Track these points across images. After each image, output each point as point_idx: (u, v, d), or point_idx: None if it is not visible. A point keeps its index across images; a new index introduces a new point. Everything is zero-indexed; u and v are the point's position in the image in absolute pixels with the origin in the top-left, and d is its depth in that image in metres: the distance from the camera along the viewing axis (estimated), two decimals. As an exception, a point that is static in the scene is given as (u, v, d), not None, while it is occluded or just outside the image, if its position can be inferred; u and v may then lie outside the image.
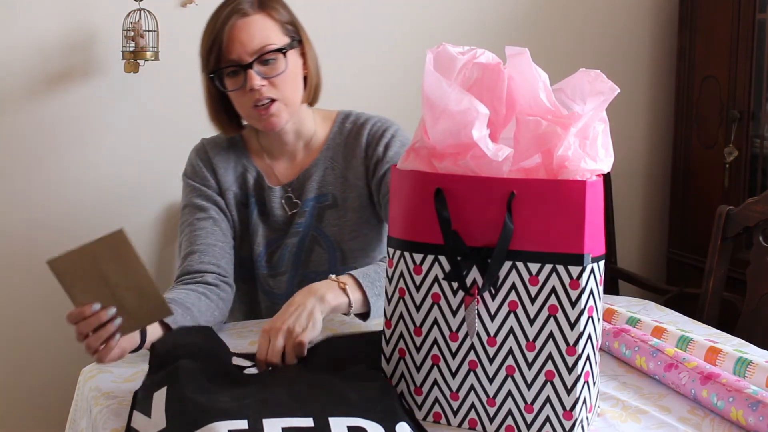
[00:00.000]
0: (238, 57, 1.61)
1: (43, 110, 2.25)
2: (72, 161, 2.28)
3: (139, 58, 2.19)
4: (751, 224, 1.87)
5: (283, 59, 1.62)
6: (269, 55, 1.61)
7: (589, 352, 1.13)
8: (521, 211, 1.12)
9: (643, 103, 2.91)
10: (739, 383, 1.23)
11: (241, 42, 1.61)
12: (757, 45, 2.50)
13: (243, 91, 1.61)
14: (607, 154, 1.17)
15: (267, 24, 1.64)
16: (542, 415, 1.14)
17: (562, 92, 1.18)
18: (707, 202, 2.67)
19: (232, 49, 1.61)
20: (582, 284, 1.11)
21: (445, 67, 1.18)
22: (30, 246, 2.28)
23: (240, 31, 1.61)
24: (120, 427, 1.19)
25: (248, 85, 1.60)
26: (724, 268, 1.94)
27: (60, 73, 2.25)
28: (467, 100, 1.13)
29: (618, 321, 1.53)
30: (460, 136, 1.14)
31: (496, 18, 2.67)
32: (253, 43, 1.61)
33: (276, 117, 1.63)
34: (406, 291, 1.20)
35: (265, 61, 1.61)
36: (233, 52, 1.61)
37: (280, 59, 1.62)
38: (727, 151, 2.58)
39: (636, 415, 1.24)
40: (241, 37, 1.61)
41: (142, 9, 2.20)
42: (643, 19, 2.87)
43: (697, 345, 1.39)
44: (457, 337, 1.17)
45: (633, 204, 2.94)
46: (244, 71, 1.60)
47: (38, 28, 2.22)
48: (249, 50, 1.61)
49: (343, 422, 1.07)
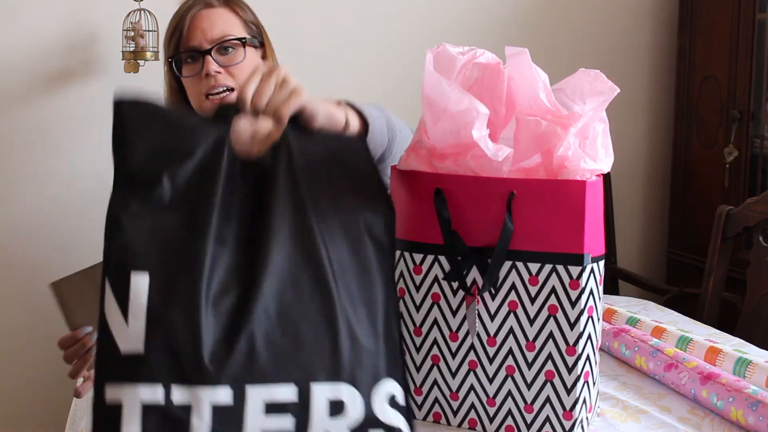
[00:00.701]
0: (198, 43, 1.63)
1: (43, 110, 2.25)
2: (72, 161, 2.28)
3: (139, 58, 2.19)
4: (751, 224, 1.87)
5: (242, 50, 1.63)
6: (228, 43, 1.63)
7: (589, 352, 1.13)
8: (521, 211, 1.12)
9: (643, 103, 2.91)
10: (739, 383, 1.23)
11: (202, 29, 1.63)
12: (757, 45, 2.50)
13: (199, 77, 1.62)
14: (607, 154, 1.17)
15: (230, 17, 1.67)
16: (542, 415, 1.14)
17: (562, 92, 1.19)
18: (707, 202, 2.67)
19: (192, 36, 1.63)
20: (582, 284, 1.11)
21: (445, 67, 1.18)
22: (30, 245, 2.28)
23: (202, 19, 1.64)
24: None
25: (204, 70, 1.61)
26: (724, 268, 1.94)
27: (60, 73, 2.25)
28: (467, 100, 1.13)
29: (618, 321, 1.53)
30: (460, 136, 1.14)
31: (496, 18, 2.67)
32: (214, 32, 1.63)
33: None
34: (406, 291, 1.20)
35: (224, 50, 1.63)
36: (194, 38, 1.63)
37: (239, 50, 1.64)
38: (727, 151, 2.58)
39: (636, 415, 1.24)
40: (203, 24, 1.63)
41: (142, 9, 2.20)
42: (643, 19, 2.87)
43: (697, 345, 1.39)
44: (457, 337, 1.17)
45: (633, 204, 2.94)
46: (203, 57, 1.62)
47: (38, 28, 2.22)
48: (209, 38, 1.63)
49: (324, 392, 1.00)
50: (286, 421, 1.00)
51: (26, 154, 2.26)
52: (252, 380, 0.99)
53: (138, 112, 1.06)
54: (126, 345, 0.97)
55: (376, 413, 1.03)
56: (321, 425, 1.01)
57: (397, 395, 1.05)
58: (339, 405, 1.02)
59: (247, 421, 0.99)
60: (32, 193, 2.28)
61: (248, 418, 0.99)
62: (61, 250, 2.31)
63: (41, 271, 2.30)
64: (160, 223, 1.03)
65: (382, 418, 1.03)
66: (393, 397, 1.05)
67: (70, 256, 2.31)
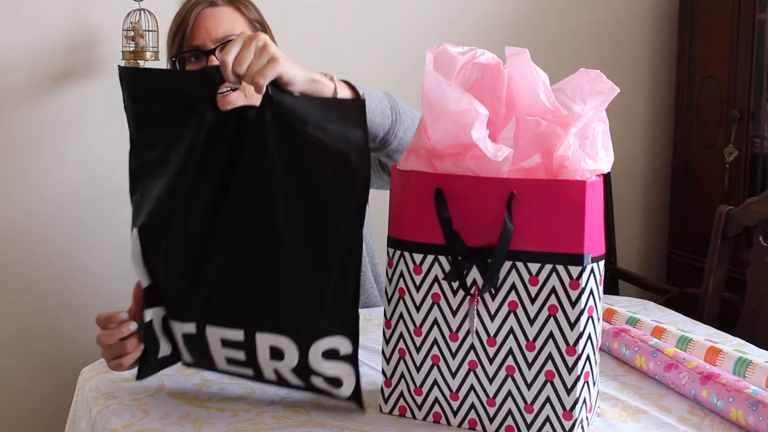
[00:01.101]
0: (201, 43, 1.62)
1: (43, 110, 2.25)
2: (72, 161, 2.28)
3: (139, 58, 2.19)
4: (751, 224, 1.87)
5: None
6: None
7: (589, 352, 1.13)
8: (521, 211, 1.12)
9: (643, 103, 2.92)
10: (739, 383, 1.23)
11: (206, 28, 1.62)
12: (757, 45, 2.50)
13: None
14: (607, 154, 1.17)
15: (235, 16, 1.66)
16: (542, 415, 1.14)
17: (562, 92, 1.18)
18: (707, 202, 2.67)
19: (196, 34, 1.62)
20: (582, 284, 1.11)
21: (444, 67, 1.18)
22: (30, 245, 2.28)
23: (206, 18, 1.63)
24: (120, 427, 1.19)
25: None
26: (724, 268, 1.94)
27: (60, 73, 2.25)
28: (467, 101, 1.13)
29: (618, 321, 1.53)
30: (460, 137, 1.14)
31: (496, 18, 2.67)
32: (218, 31, 1.62)
33: (231, 106, 1.59)
34: (406, 291, 1.20)
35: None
36: (197, 37, 1.62)
37: None
38: (727, 151, 2.58)
39: (636, 415, 1.24)
40: (207, 23, 1.62)
41: (142, 9, 2.20)
42: (643, 19, 2.87)
43: (697, 345, 1.39)
44: (457, 337, 1.17)
45: (633, 204, 2.94)
46: (206, 57, 1.61)
47: (38, 29, 2.22)
48: (213, 37, 1.62)
49: (266, 339, 1.20)
50: (239, 353, 1.22)
51: (26, 154, 2.26)
52: (210, 322, 1.22)
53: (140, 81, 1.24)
54: (143, 281, 1.24)
55: (311, 364, 1.19)
56: (266, 362, 1.21)
57: (342, 349, 1.18)
58: (278, 351, 1.20)
59: (210, 346, 1.23)
60: (32, 193, 2.28)
61: (210, 344, 1.23)
62: (61, 250, 2.31)
63: (41, 271, 2.30)
64: (154, 185, 1.23)
65: (316, 368, 1.19)
66: (333, 351, 1.18)
67: (70, 256, 2.32)
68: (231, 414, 1.22)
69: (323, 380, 1.20)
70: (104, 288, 2.31)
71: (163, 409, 1.24)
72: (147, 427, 1.19)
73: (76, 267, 2.32)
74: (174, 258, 1.22)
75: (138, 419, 1.21)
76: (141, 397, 1.28)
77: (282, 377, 1.22)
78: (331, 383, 1.20)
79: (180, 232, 1.22)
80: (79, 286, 2.32)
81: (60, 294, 2.31)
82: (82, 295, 2.32)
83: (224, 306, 1.21)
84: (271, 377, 1.23)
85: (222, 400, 1.27)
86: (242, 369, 1.24)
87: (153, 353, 1.27)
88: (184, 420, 1.20)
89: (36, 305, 2.30)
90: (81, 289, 2.32)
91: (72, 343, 2.33)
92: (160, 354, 1.27)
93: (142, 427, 1.19)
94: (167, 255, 1.22)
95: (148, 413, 1.23)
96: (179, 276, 1.22)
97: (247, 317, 1.20)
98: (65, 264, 2.31)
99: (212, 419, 1.21)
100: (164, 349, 1.27)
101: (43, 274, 2.31)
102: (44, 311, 2.30)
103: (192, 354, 1.27)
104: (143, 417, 1.22)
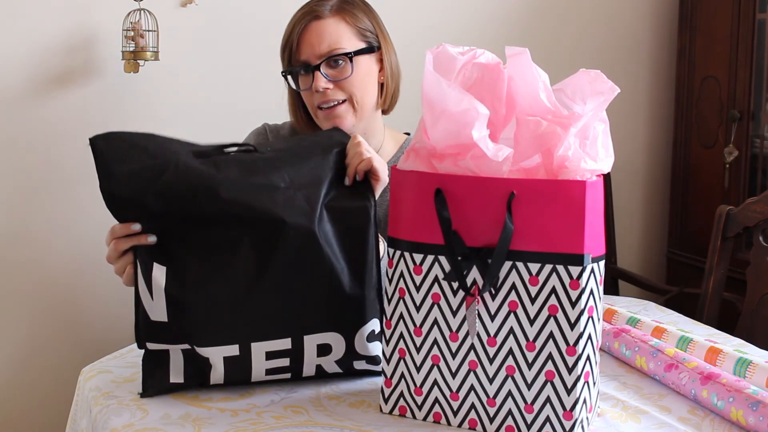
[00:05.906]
0: (307, 58, 1.63)
1: (43, 110, 2.25)
2: (72, 161, 2.28)
3: (139, 58, 2.19)
4: (751, 224, 1.87)
5: (350, 64, 1.63)
6: (336, 58, 1.62)
7: (589, 352, 1.13)
8: (521, 211, 1.12)
9: (643, 103, 2.91)
10: (739, 383, 1.23)
11: (310, 44, 1.63)
12: (757, 45, 2.50)
13: (311, 91, 1.64)
14: (607, 154, 1.17)
15: (340, 28, 1.64)
16: (542, 415, 1.14)
17: (562, 92, 1.18)
18: (707, 202, 2.67)
19: (302, 50, 1.64)
20: (582, 284, 1.11)
21: (444, 68, 1.18)
22: (30, 247, 2.28)
23: (311, 33, 1.63)
24: (120, 427, 1.19)
25: (314, 86, 1.62)
26: (724, 268, 1.94)
27: (60, 73, 2.25)
28: (467, 101, 1.13)
29: (618, 321, 1.53)
30: (460, 137, 1.14)
31: (496, 18, 2.67)
32: (322, 46, 1.62)
33: (340, 119, 1.64)
34: (406, 291, 1.20)
35: (334, 63, 1.63)
36: (303, 53, 1.64)
37: (347, 63, 1.63)
38: (727, 151, 2.58)
39: (636, 415, 1.24)
40: (311, 39, 1.63)
41: (142, 9, 2.20)
42: (643, 19, 2.87)
43: (697, 345, 1.39)
44: (457, 337, 1.17)
45: (633, 204, 2.94)
46: (313, 72, 1.62)
47: (38, 29, 2.22)
48: (317, 53, 1.62)
49: (314, 340, 1.28)
50: (284, 361, 1.28)
51: (26, 154, 2.26)
52: (255, 339, 1.26)
53: (113, 144, 1.33)
54: (154, 315, 1.26)
55: (357, 349, 1.31)
56: (311, 361, 1.29)
57: (376, 328, 1.31)
58: (326, 347, 1.29)
59: (253, 361, 1.28)
60: (32, 193, 2.28)
61: (254, 360, 1.28)
62: (61, 251, 2.31)
63: (41, 272, 2.30)
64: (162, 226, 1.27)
65: (361, 351, 1.31)
66: (372, 332, 1.31)
67: (70, 256, 2.32)
68: (231, 414, 1.23)
69: (366, 361, 1.32)
70: (104, 288, 2.31)
71: (163, 409, 1.24)
72: (147, 427, 1.19)
73: (76, 267, 2.32)
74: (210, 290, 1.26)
75: (138, 419, 1.21)
76: (141, 397, 1.28)
77: (323, 370, 1.31)
78: (371, 362, 1.33)
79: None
80: (79, 286, 2.32)
81: (60, 294, 2.32)
82: (82, 296, 2.32)
83: (270, 319, 1.26)
84: (309, 373, 1.31)
85: (222, 400, 1.27)
86: (279, 375, 1.31)
87: (162, 371, 1.29)
88: (184, 420, 1.21)
89: (36, 305, 2.30)
90: (81, 289, 2.32)
91: (72, 342, 2.33)
92: (172, 379, 1.29)
93: (143, 426, 1.19)
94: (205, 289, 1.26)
95: (148, 413, 1.23)
96: (218, 307, 1.25)
97: (296, 325, 1.27)
98: (65, 264, 2.31)
99: (212, 419, 1.21)
100: (175, 376, 1.29)
101: (43, 275, 2.31)
102: (44, 311, 2.30)
103: (228, 375, 1.29)
104: (143, 417, 1.22)
